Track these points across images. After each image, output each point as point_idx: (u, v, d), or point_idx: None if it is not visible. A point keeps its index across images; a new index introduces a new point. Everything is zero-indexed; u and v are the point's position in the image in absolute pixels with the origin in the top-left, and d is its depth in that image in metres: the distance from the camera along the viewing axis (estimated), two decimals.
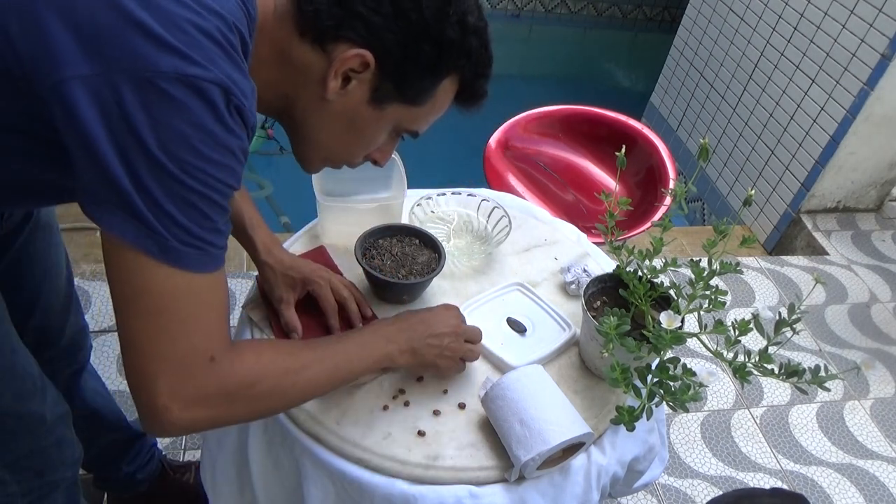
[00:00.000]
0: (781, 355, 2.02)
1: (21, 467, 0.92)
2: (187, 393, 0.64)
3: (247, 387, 0.69)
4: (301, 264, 1.02)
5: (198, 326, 0.64)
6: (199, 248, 0.61)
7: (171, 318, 0.62)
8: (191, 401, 0.64)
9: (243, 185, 1.03)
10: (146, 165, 0.57)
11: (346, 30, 0.68)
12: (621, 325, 0.87)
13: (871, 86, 2.25)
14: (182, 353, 0.63)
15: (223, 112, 0.59)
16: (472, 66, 0.76)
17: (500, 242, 1.18)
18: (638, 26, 4.86)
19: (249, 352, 0.71)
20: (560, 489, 0.90)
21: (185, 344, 0.63)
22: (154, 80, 0.55)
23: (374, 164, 0.85)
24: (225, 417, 0.69)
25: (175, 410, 0.63)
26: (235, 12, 0.63)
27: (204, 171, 0.59)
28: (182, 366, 0.63)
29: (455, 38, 0.71)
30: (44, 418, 0.92)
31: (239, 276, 2.00)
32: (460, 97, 0.79)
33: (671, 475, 1.69)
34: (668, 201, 1.84)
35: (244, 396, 0.69)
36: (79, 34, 0.55)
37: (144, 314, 0.62)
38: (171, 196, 0.58)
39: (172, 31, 0.56)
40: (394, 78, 0.72)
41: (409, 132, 0.81)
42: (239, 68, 0.61)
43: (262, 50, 0.69)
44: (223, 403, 0.67)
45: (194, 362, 0.64)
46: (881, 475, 1.78)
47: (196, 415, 0.65)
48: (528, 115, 2.20)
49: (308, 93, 0.72)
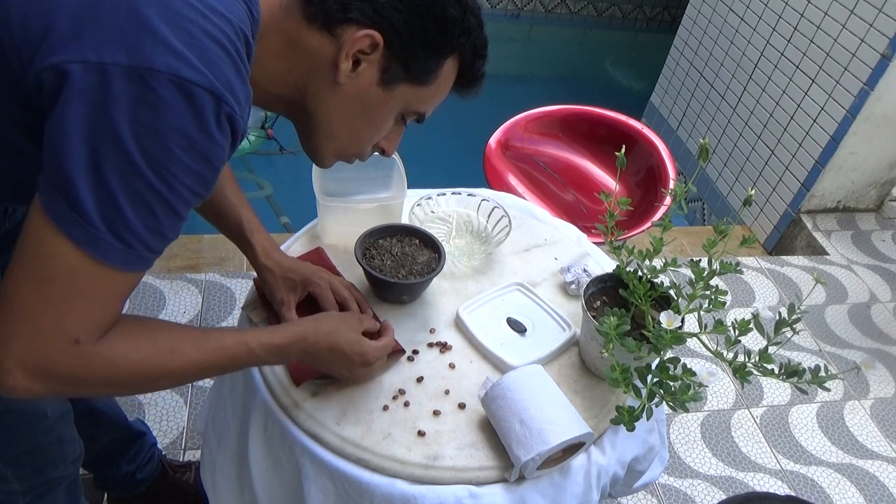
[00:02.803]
0: (781, 355, 2.02)
1: (22, 464, 0.92)
2: (37, 364, 0.61)
3: (101, 377, 0.66)
4: (300, 266, 1.02)
5: (78, 308, 0.62)
6: (131, 247, 0.60)
7: (56, 291, 0.60)
8: (37, 373, 0.61)
9: (239, 188, 1.03)
10: (113, 155, 0.56)
11: (354, 12, 0.69)
12: (621, 325, 0.87)
13: (871, 86, 2.25)
14: (47, 326, 0.61)
15: (209, 120, 0.59)
16: (472, 45, 0.78)
17: (500, 242, 1.18)
18: (638, 26, 4.86)
19: (122, 340, 0.66)
20: (560, 489, 0.90)
21: (55, 318, 0.61)
22: (146, 77, 0.55)
23: (381, 153, 0.86)
24: (68, 393, 0.69)
25: (18, 377, 0.61)
26: (241, 15, 0.63)
27: (172, 174, 0.59)
28: (42, 337, 0.61)
29: (456, 16, 0.74)
30: (45, 415, 0.92)
31: (239, 277, 2.00)
32: (461, 79, 0.81)
33: (671, 475, 1.69)
34: (668, 201, 1.84)
35: (95, 384, 0.66)
36: (79, 23, 0.56)
37: (32, 277, 0.60)
38: (129, 191, 0.58)
39: (176, 32, 0.57)
40: (401, 57, 0.73)
41: (416, 114, 0.82)
42: (239, 74, 0.61)
43: (271, 43, 0.70)
44: (70, 385, 0.65)
45: (55, 338, 0.61)
46: (881, 475, 1.78)
47: (37, 387, 0.62)
48: (528, 115, 2.20)
49: (320, 80, 0.73)
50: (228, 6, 0.61)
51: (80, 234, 0.58)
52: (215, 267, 2.04)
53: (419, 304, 1.09)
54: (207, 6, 0.59)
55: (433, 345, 1.03)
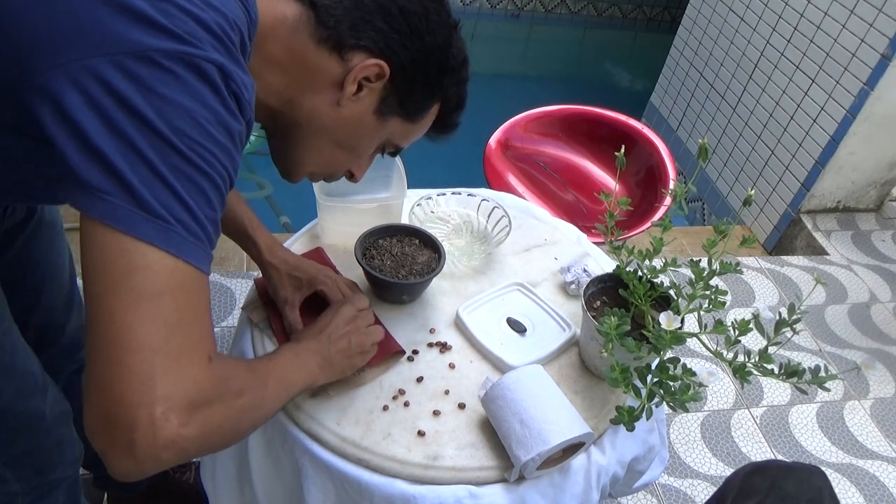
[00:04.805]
0: (781, 355, 2.02)
1: (21, 465, 0.92)
2: (188, 399, 0.53)
3: (235, 391, 0.61)
4: (307, 265, 1.03)
5: (198, 320, 0.56)
6: (199, 238, 0.56)
7: (169, 304, 0.53)
8: (191, 409, 0.54)
9: (236, 188, 1.03)
10: (147, 140, 0.52)
11: (366, 40, 0.71)
12: (621, 325, 0.87)
13: (871, 86, 2.25)
14: (181, 348, 0.53)
15: (224, 92, 0.57)
16: (458, 95, 0.83)
17: (500, 242, 1.18)
18: (638, 26, 4.86)
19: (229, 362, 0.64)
20: (560, 489, 0.90)
21: (184, 337, 0.54)
22: (153, 57, 0.53)
23: (349, 177, 0.88)
24: (215, 427, 0.58)
25: (174, 423, 0.52)
26: (236, 11, 0.63)
27: (210, 151, 0.55)
28: (182, 365, 0.53)
29: (455, 66, 0.79)
30: (44, 416, 0.92)
31: (239, 277, 2.00)
32: (438, 124, 0.85)
33: (671, 475, 1.69)
34: (668, 201, 1.84)
35: (231, 402, 0.60)
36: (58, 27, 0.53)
37: (135, 299, 0.52)
38: (177, 174, 0.53)
39: (168, 18, 0.55)
40: (400, 92, 0.76)
41: (394, 147, 0.85)
42: (238, 62, 0.60)
43: (271, 54, 0.70)
44: (218, 413, 0.58)
45: (194, 360, 0.54)
46: (881, 475, 1.78)
47: (190, 430, 0.54)
48: (528, 115, 2.20)
49: (318, 98, 0.74)
50: (223, 2, 0.61)
51: (149, 229, 0.52)
52: (215, 267, 2.03)
53: (419, 304, 1.09)
54: None
55: (433, 345, 1.03)
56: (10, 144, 0.63)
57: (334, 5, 0.70)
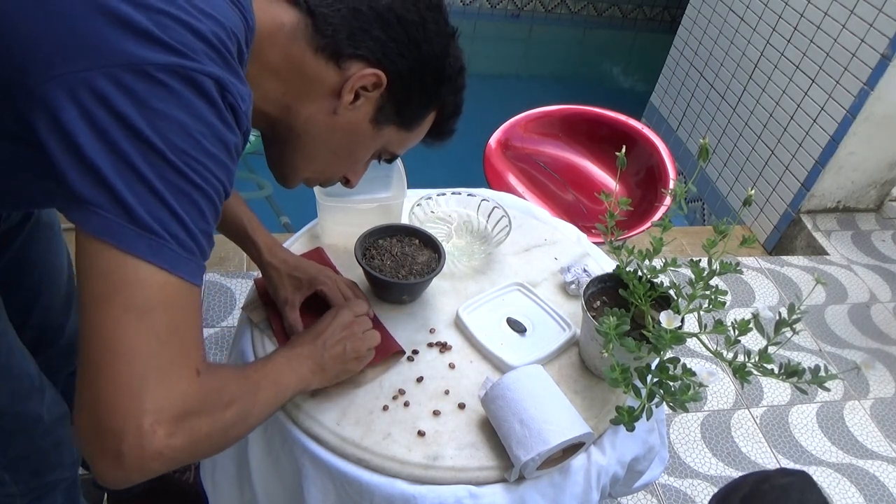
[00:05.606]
0: (781, 355, 2.02)
1: (19, 468, 0.92)
2: (175, 411, 0.54)
3: (225, 402, 0.62)
4: (307, 265, 1.03)
5: (188, 334, 0.57)
6: (192, 252, 0.57)
7: (161, 319, 0.54)
8: (178, 420, 0.55)
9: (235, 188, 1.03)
10: (141, 155, 0.53)
11: (364, 49, 0.71)
12: (621, 325, 0.87)
13: (871, 86, 2.25)
14: (171, 361, 0.55)
15: (220, 105, 0.57)
16: (454, 102, 0.83)
17: (500, 242, 1.18)
18: (638, 26, 4.86)
19: (220, 371, 0.64)
20: (560, 489, 0.90)
21: (174, 350, 0.55)
22: (148, 71, 0.54)
23: (344, 183, 0.89)
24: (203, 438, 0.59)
25: (161, 435, 0.53)
26: (233, 19, 0.62)
27: (204, 165, 0.56)
28: (171, 378, 0.54)
29: (451, 75, 0.79)
30: (41, 419, 0.91)
31: (239, 277, 2.00)
32: (434, 131, 0.85)
33: (671, 475, 1.69)
34: (668, 201, 1.84)
35: (219, 414, 0.62)
36: (55, 39, 0.53)
37: (127, 313, 0.53)
38: (171, 188, 0.54)
39: (164, 30, 0.55)
40: (397, 101, 0.77)
41: (390, 154, 0.86)
42: (235, 73, 0.60)
43: (269, 61, 0.70)
44: (205, 426, 0.59)
45: (182, 374, 0.56)
46: (881, 475, 1.78)
47: (178, 441, 0.55)
48: (528, 115, 2.20)
49: (315, 106, 0.74)
50: (219, 10, 0.60)
51: (142, 246, 0.53)
52: (215, 267, 2.03)
53: (419, 304, 1.09)
54: (195, 7, 0.58)
55: (433, 345, 1.03)
56: (9, 152, 0.62)
57: (332, 14, 0.70)
